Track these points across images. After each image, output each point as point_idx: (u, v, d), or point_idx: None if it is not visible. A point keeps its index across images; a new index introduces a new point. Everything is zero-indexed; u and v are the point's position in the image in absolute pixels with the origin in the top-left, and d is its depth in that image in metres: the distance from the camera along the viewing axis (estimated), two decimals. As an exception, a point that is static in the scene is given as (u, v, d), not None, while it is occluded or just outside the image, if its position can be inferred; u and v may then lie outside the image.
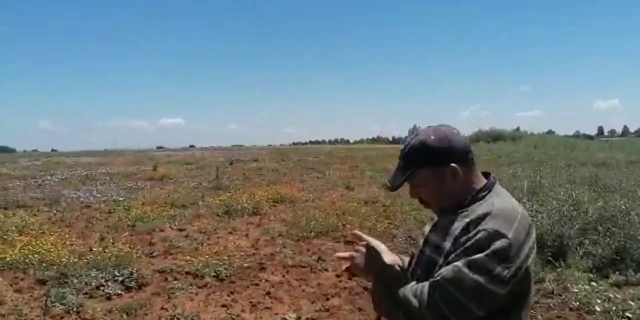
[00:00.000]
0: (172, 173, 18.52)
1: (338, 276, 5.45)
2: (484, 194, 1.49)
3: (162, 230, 7.97)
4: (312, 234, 7.40)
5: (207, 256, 5.95)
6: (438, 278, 1.31)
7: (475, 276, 1.27)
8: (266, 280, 5.32)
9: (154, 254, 6.47)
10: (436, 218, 1.64)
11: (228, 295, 4.87)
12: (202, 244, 6.94)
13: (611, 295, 4.24)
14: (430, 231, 1.59)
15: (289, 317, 4.27)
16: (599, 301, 4.06)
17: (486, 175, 1.58)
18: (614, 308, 3.95)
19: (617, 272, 4.76)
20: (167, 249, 6.72)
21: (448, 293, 1.29)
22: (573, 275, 4.74)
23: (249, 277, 5.41)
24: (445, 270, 1.31)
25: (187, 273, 5.56)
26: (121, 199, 11.71)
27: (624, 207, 5.47)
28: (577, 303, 4.09)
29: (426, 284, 1.35)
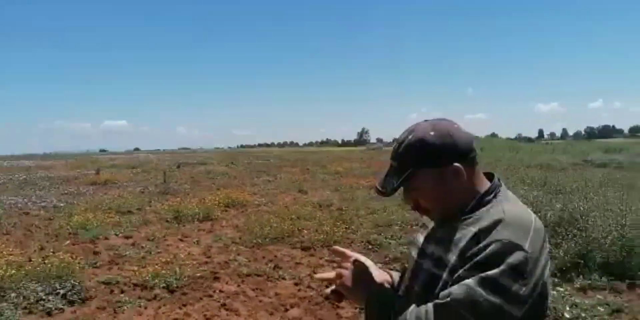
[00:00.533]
0: (116, 177, 17.75)
1: (296, 285, 5.20)
2: (489, 197, 1.28)
3: (106, 238, 7.47)
4: (267, 240, 7.12)
5: (156, 266, 5.56)
6: (448, 299, 1.10)
7: (490, 296, 1.07)
8: (220, 291, 5.00)
9: (98, 264, 6.00)
10: (429, 225, 1.43)
11: (180, 308, 4.52)
12: (150, 253, 6.52)
13: (578, 301, 4.21)
14: (426, 241, 1.38)
15: (247, 330, 3.99)
16: (567, 308, 4.00)
17: (489, 176, 1.38)
18: (582, 314, 3.91)
19: (581, 276, 4.76)
20: (112, 259, 6.27)
21: (459, 317, 1.08)
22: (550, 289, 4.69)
23: (201, 288, 5.07)
24: (455, 290, 1.10)
25: (135, 285, 5.17)
26: (62, 204, 11.03)
27: (582, 209, 5.52)
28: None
29: (430, 306, 1.13)
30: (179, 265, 5.67)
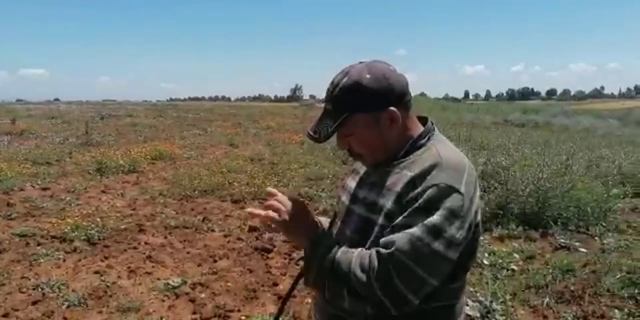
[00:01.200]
0: (34, 127, 16.58)
1: (226, 237, 5.13)
2: (423, 141, 1.25)
3: (22, 190, 7.00)
4: (196, 193, 6.95)
5: (76, 218, 5.29)
6: (392, 249, 1.07)
7: (435, 244, 1.07)
8: (146, 243, 4.84)
9: (12, 216, 5.63)
10: (360, 170, 1.39)
11: (102, 261, 4.34)
12: (70, 205, 6.20)
13: (495, 249, 4.44)
14: (358, 186, 1.34)
15: (173, 281, 3.89)
16: (486, 255, 4.22)
17: (423, 120, 1.34)
18: (499, 261, 4.13)
19: (500, 226, 5.02)
20: (28, 211, 5.89)
21: (405, 267, 1.07)
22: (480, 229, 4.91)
23: (125, 240, 4.89)
24: (399, 239, 1.07)
25: (53, 237, 4.90)
26: (-29, 155, 10.18)
27: (504, 163, 5.77)
28: (466, 256, 4.22)
29: (374, 254, 1.10)
30: (101, 217, 5.43)
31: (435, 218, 1.07)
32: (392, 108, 1.22)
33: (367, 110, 1.22)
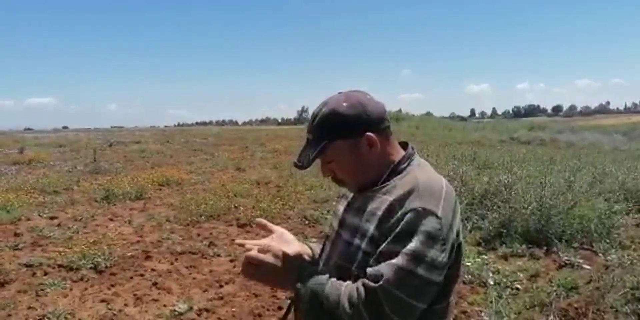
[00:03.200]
0: (42, 156, 16.76)
1: (232, 261, 5.17)
2: (403, 166, 1.31)
3: (29, 219, 7.08)
4: (203, 217, 7.02)
5: (83, 246, 5.35)
6: (380, 283, 1.10)
7: (419, 270, 1.11)
8: (152, 270, 4.90)
9: (19, 246, 5.70)
10: (349, 195, 1.44)
11: (108, 289, 4.39)
12: (77, 233, 6.26)
13: (500, 267, 4.46)
14: (346, 211, 1.39)
15: (179, 308, 3.94)
16: (490, 274, 4.23)
17: (404, 145, 1.40)
18: (504, 280, 4.14)
19: (504, 245, 5.03)
20: (35, 240, 5.96)
21: (394, 297, 1.11)
22: (464, 249, 4.92)
23: (132, 267, 4.94)
24: (386, 272, 1.11)
25: (60, 266, 4.95)
26: (-21, 186, 10.32)
27: (506, 182, 5.81)
28: (470, 276, 4.24)
29: (361, 288, 1.13)
30: (108, 245, 5.49)
31: (415, 244, 1.11)
32: (369, 133, 1.29)
33: (345, 137, 1.28)
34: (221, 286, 4.47)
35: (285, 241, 1.37)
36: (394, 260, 1.11)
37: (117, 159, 16.23)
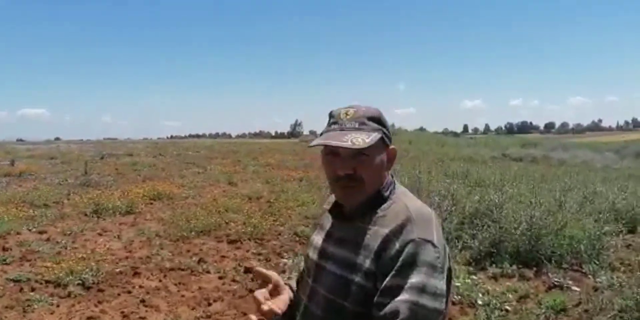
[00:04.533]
0: (33, 168, 16.66)
1: (221, 278, 5.14)
2: (387, 193, 1.31)
3: (18, 233, 7.01)
4: (193, 233, 6.97)
5: (71, 262, 5.30)
6: None
7: (430, 303, 1.11)
8: (140, 287, 4.85)
9: (7, 261, 5.63)
10: (326, 225, 1.41)
11: (95, 306, 4.34)
12: (66, 248, 6.20)
13: (489, 288, 4.45)
14: (325, 242, 1.36)
15: (166, 326, 3.90)
16: (480, 295, 4.22)
17: None
18: (493, 301, 4.13)
19: (494, 265, 5.03)
20: (24, 255, 5.90)
21: None
22: (454, 269, 4.92)
23: (120, 284, 4.89)
24: (402, 309, 1.09)
25: (47, 282, 4.90)
26: (-32, 198, 10.21)
27: (497, 201, 5.83)
28: (459, 297, 4.23)
29: None
30: (96, 260, 5.44)
31: (421, 277, 1.11)
32: (394, 147, 1.33)
33: (386, 140, 1.30)
34: (209, 304, 4.43)
35: (278, 297, 1.32)
36: (405, 297, 1.10)
37: (109, 171, 16.15)
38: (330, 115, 1.32)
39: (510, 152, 24.36)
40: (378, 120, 1.29)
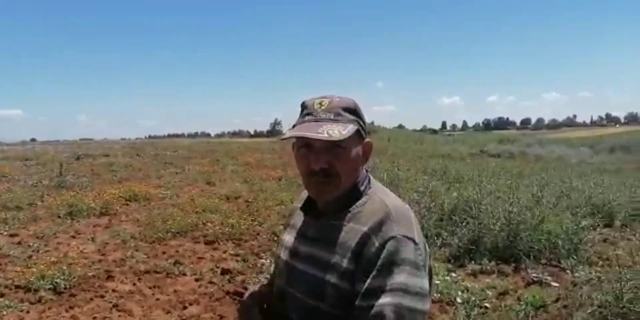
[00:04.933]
0: (6, 170, 16.21)
1: (197, 280, 5.02)
2: (362, 188, 1.25)
3: (-12, 238, 6.78)
4: (169, 234, 6.82)
5: (42, 266, 5.13)
6: None
7: (415, 304, 1.05)
8: (114, 291, 4.70)
9: (-25, 267, 5.43)
10: (297, 224, 1.34)
11: (67, 311, 4.19)
12: (38, 252, 6.01)
13: (469, 285, 4.43)
14: (297, 241, 1.29)
15: (140, 331, 3.79)
16: (459, 292, 4.19)
17: None
18: (472, 298, 4.11)
19: (473, 262, 5.01)
20: (-7, 260, 5.70)
21: None
22: (433, 267, 4.89)
23: (93, 288, 4.74)
24: (388, 313, 1.03)
25: (17, 287, 4.71)
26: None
27: (475, 197, 5.82)
28: (438, 295, 4.19)
29: None
30: (69, 264, 5.28)
31: (404, 276, 1.06)
32: (369, 140, 1.26)
33: (362, 132, 1.23)
34: (185, 307, 4.32)
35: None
36: (388, 299, 1.04)
37: (84, 172, 15.80)
38: (303, 106, 1.25)
39: (488, 149, 24.62)
40: (354, 111, 1.22)
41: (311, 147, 1.19)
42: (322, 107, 1.20)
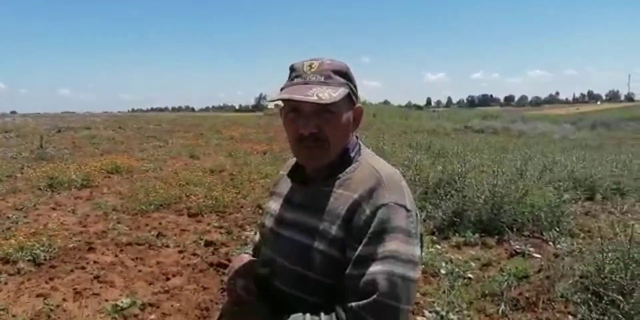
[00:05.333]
0: (-16, 142, 15.91)
1: (180, 252, 4.97)
2: (352, 154, 1.20)
3: (-35, 209, 6.64)
4: (152, 206, 6.74)
5: (22, 237, 5.03)
6: (375, 297, 0.99)
7: (407, 272, 1.02)
8: (95, 262, 4.64)
9: (-48, 238, 5.31)
10: (283, 191, 1.30)
11: (46, 283, 4.12)
12: (17, 223, 5.90)
13: (453, 257, 4.45)
14: (284, 208, 1.25)
15: (122, 302, 3.73)
16: (443, 264, 4.21)
17: None
18: (456, 269, 4.13)
19: (457, 234, 5.03)
20: (-30, 231, 5.58)
21: (388, 308, 1.00)
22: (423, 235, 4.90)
23: (73, 260, 4.67)
24: (380, 280, 1.00)
25: (-5, 259, 4.64)
26: None
27: (460, 170, 5.82)
28: (423, 266, 4.20)
29: (355, 307, 1.01)
30: (49, 236, 5.19)
31: (396, 244, 1.02)
32: (360, 105, 1.22)
33: (352, 96, 1.18)
34: (168, 279, 4.28)
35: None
36: (380, 267, 1.00)
37: (65, 145, 15.55)
38: (292, 69, 1.19)
39: (472, 124, 24.73)
40: (345, 74, 1.16)
41: (300, 111, 1.14)
42: (312, 70, 1.15)
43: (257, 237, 1.47)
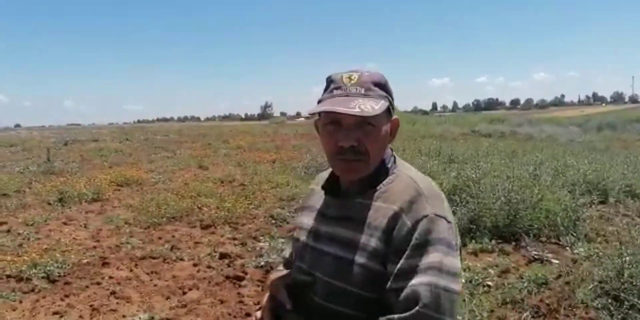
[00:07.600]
0: (-10, 157, 15.99)
1: (195, 265, 4.94)
2: (389, 165, 1.20)
3: (-24, 226, 6.64)
4: (164, 219, 6.73)
5: (34, 254, 5.02)
6: (418, 308, 0.97)
7: (450, 284, 1.01)
8: (110, 277, 4.61)
9: (-36, 256, 5.31)
10: (315, 205, 1.28)
11: (62, 300, 4.10)
12: (28, 240, 5.89)
13: (470, 264, 4.40)
14: (319, 222, 1.23)
15: (140, 318, 3.71)
16: (462, 272, 4.16)
17: None
18: (475, 277, 4.08)
19: (473, 241, 4.98)
20: (-18, 249, 5.57)
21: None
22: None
23: (88, 275, 4.64)
24: (423, 292, 0.98)
25: (9, 276, 4.60)
26: None
27: (474, 176, 5.78)
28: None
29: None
30: (62, 251, 5.18)
31: (438, 255, 1.01)
32: (397, 117, 1.22)
33: (390, 108, 1.18)
34: (184, 293, 4.24)
35: None
36: (423, 278, 0.99)
37: (73, 158, 15.62)
38: (330, 81, 1.18)
39: (479, 129, 24.62)
40: (384, 86, 1.16)
41: (339, 123, 1.13)
42: (352, 82, 1.14)
43: (287, 253, 1.46)
